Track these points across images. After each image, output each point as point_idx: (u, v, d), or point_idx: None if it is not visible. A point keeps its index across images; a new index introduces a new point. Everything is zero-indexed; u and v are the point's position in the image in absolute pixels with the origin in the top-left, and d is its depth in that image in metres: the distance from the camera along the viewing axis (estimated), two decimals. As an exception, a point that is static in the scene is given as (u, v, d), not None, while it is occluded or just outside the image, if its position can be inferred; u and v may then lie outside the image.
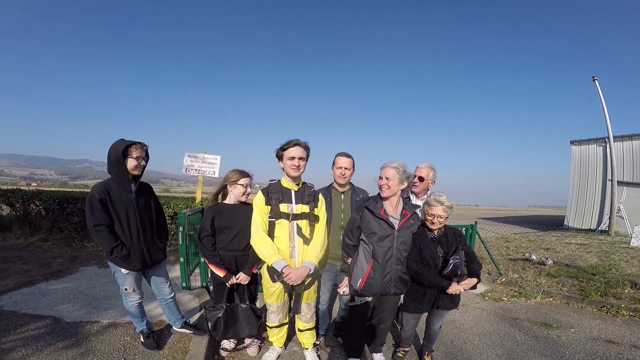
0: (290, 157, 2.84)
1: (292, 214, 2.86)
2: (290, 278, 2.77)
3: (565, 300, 5.28)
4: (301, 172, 2.92)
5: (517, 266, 7.07)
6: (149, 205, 3.06)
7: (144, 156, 2.88)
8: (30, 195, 7.76)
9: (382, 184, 2.84)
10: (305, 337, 3.24)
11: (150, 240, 3.03)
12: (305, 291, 3.00)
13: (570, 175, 19.89)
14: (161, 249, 3.15)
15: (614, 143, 15.44)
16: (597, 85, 14.88)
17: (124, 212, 2.86)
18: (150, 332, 3.34)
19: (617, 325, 4.37)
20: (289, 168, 2.86)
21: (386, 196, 2.87)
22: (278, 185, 2.95)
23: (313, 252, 2.89)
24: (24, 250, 6.74)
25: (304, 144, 2.90)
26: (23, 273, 5.24)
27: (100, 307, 4.11)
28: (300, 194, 2.94)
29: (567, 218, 19.73)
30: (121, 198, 2.84)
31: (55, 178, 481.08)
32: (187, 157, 7.98)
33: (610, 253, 8.69)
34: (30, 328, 3.48)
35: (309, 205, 2.92)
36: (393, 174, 2.82)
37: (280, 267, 2.78)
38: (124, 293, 3.07)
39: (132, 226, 2.90)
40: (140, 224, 2.94)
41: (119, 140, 2.82)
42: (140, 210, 2.95)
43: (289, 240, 2.87)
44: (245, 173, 3.18)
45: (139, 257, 2.94)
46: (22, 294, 4.38)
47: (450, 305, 3.01)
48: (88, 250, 6.96)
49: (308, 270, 2.84)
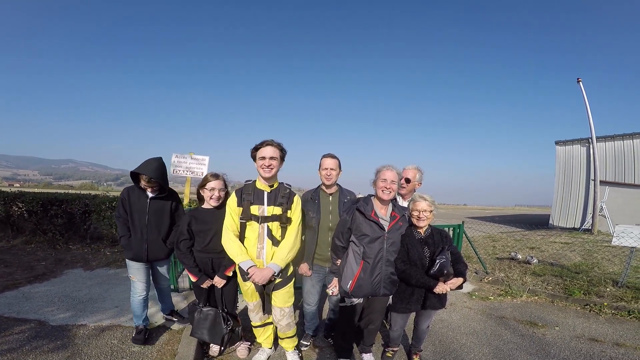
0: (261, 157, 2.83)
1: (262, 216, 2.86)
2: (254, 278, 2.79)
3: (550, 298, 5.38)
4: (274, 172, 2.89)
5: (504, 265, 7.18)
6: (162, 211, 3.41)
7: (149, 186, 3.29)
8: (13, 196, 7.60)
9: (387, 186, 2.83)
10: (285, 342, 3.24)
11: (153, 240, 3.34)
12: (276, 292, 2.98)
13: (555, 175, 20.27)
14: (163, 250, 3.42)
15: (597, 144, 15.76)
16: (581, 87, 15.18)
17: (137, 212, 3.33)
18: (144, 329, 3.46)
19: (600, 324, 4.47)
20: (260, 168, 2.85)
21: (388, 199, 2.88)
22: (252, 186, 2.94)
23: (280, 254, 2.88)
24: (7, 253, 6.59)
25: (277, 144, 2.89)
26: (6, 276, 5.13)
27: (86, 310, 4.04)
28: (273, 195, 2.93)
29: (552, 217, 20.09)
30: (138, 201, 3.33)
31: (39, 178, 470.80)
32: (174, 158, 7.90)
33: (593, 252, 8.88)
34: (15, 332, 3.42)
35: (281, 207, 2.90)
36: (396, 178, 2.85)
37: (246, 267, 2.81)
38: (131, 282, 3.42)
39: (140, 224, 3.32)
40: (148, 224, 3.32)
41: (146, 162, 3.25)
42: (150, 213, 3.33)
43: (257, 242, 2.88)
44: (213, 176, 3.14)
45: (137, 250, 3.31)
46: (5, 298, 4.29)
47: (437, 305, 3.05)
48: (73, 253, 6.84)
49: (272, 272, 2.84)
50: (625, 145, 17.11)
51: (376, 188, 2.91)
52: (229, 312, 3.20)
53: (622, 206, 15.16)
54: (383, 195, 2.85)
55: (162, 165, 3.32)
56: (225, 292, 3.17)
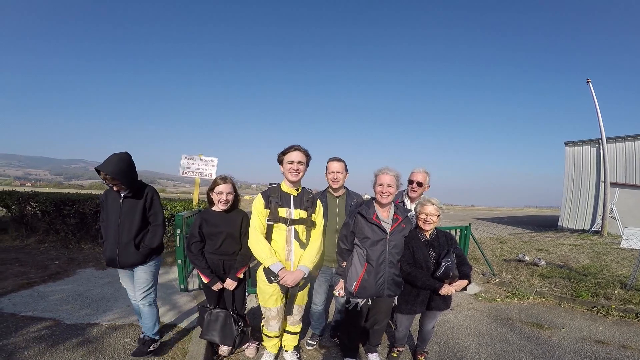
0: (289, 161, 2.90)
1: (290, 218, 2.93)
2: (286, 281, 2.84)
3: (557, 300, 5.38)
4: (300, 177, 2.97)
5: (511, 267, 7.17)
6: (134, 210, 3.09)
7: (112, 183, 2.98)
8: (26, 197, 7.77)
9: (384, 191, 2.88)
10: (289, 339, 3.28)
11: (124, 243, 3.04)
12: (299, 292, 3.08)
13: (565, 176, 20.07)
14: (135, 254, 3.08)
15: (607, 144, 15.61)
16: (591, 88, 15.04)
17: (112, 215, 3.09)
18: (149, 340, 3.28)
19: (607, 326, 4.47)
20: (287, 172, 2.93)
21: (387, 202, 2.93)
22: (278, 189, 3.00)
23: (308, 256, 2.96)
24: (21, 252, 6.76)
25: (304, 149, 2.98)
26: (21, 275, 5.27)
27: (99, 309, 4.16)
28: (299, 199, 3.00)
29: (561, 219, 19.90)
30: (113, 202, 3.10)
31: (50, 178, 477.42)
32: (184, 159, 8.04)
33: (602, 254, 8.81)
34: (31, 330, 3.53)
35: (307, 210, 2.98)
36: (393, 181, 2.88)
37: (276, 269, 2.84)
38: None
39: (113, 226, 3.08)
40: (120, 227, 3.06)
41: (107, 158, 2.93)
42: (122, 214, 3.06)
43: (285, 244, 2.93)
44: (222, 180, 3.17)
45: (110, 256, 3.08)
46: (20, 297, 4.42)
47: (442, 306, 3.10)
48: (85, 252, 6.99)
49: (303, 274, 2.91)
50: (636, 146, 16.90)
51: (375, 192, 2.96)
52: (238, 313, 3.27)
53: (633, 208, 14.96)
54: (381, 199, 2.91)
55: (124, 159, 2.95)
56: (235, 293, 3.23)
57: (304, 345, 3.66)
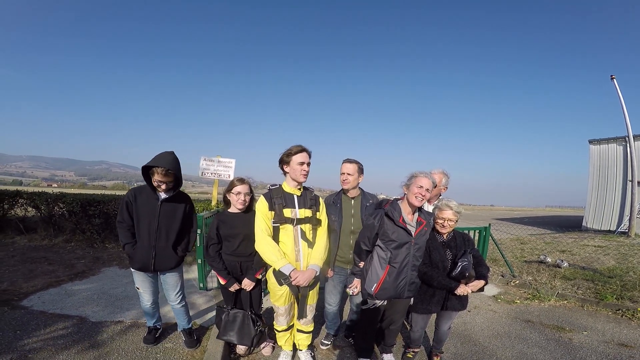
0: (300, 162, 2.90)
1: (296, 218, 2.94)
2: (299, 281, 2.85)
3: (579, 303, 5.24)
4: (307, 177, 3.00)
5: (532, 268, 7.02)
6: (174, 215, 3.16)
7: (165, 181, 3.01)
8: (55, 197, 8.07)
9: (423, 194, 2.80)
10: (302, 338, 3.29)
11: (162, 247, 3.10)
12: (310, 292, 3.08)
13: (589, 175, 19.44)
14: (173, 258, 3.18)
15: (635, 142, 15.06)
16: (615, 84, 14.56)
17: (145, 216, 3.08)
18: (155, 328, 3.52)
19: (632, 329, 4.34)
20: (298, 173, 2.92)
21: (419, 205, 2.87)
22: (280, 190, 3.00)
23: (317, 254, 2.99)
24: (49, 251, 7.04)
25: (309, 150, 2.99)
26: (49, 274, 5.50)
27: (122, 308, 4.30)
28: (302, 198, 3.02)
29: (586, 219, 19.29)
30: (147, 203, 3.08)
31: (74, 179, 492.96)
32: (203, 161, 8.21)
33: (628, 255, 8.53)
34: (59, 327, 3.68)
35: (312, 209, 3.01)
36: (431, 187, 2.84)
37: (287, 271, 2.84)
38: (137, 291, 3.28)
39: (149, 230, 3.08)
40: (157, 230, 3.08)
41: (158, 155, 2.97)
42: (161, 217, 3.09)
43: (294, 245, 2.95)
44: (239, 181, 3.21)
45: (143, 260, 3.09)
46: (49, 294, 4.61)
47: (458, 307, 3.09)
48: (109, 252, 7.23)
49: (314, 273, 2.93)
50: (665, 143, 16.24)
51: (409, 192, 2.85)
52: (255, 313, 3.32)
53: (662, 208, 14.41)
54: (415, 201, 2.81)
55: (175, 157, 3.04)
56: (252, 293, 3.28)
57: (318, 344, 3.69)
